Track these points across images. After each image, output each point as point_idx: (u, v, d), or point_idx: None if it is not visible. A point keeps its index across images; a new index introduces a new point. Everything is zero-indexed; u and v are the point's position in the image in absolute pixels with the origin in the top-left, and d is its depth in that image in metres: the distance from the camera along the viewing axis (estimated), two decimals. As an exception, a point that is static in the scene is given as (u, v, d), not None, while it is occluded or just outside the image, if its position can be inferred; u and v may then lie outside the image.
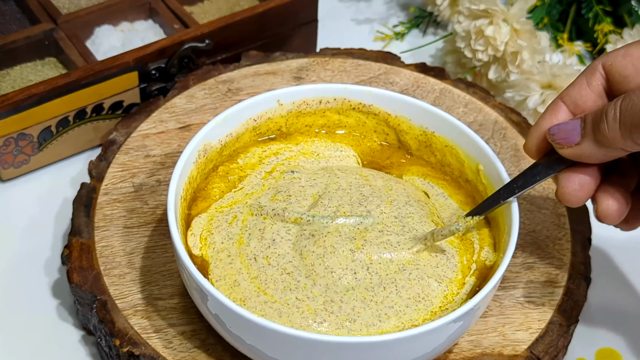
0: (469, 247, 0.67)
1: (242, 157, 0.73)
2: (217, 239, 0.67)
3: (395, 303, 0.63)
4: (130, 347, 0.65)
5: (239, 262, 0.65)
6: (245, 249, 0.66)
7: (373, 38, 1.00)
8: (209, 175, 0.71)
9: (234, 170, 0.72)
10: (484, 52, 0.87)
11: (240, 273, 0.64)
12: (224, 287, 0.64)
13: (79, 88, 0.80)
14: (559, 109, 0.63)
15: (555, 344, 0.67)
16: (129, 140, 0.79)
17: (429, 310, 0.63)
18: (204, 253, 0.66)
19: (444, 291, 0.64)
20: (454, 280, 0.65)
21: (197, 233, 0.67)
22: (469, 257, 0.67)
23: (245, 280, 0.64)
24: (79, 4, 0.90)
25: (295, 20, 0.90)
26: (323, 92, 0.74)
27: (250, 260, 0.65)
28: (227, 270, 0.65)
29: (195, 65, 0.85)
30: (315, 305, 0.62)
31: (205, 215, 0.68)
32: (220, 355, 0.65)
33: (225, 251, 0.66)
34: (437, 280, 0.64)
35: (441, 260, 0.66)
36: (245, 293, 0.63)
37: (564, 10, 0.98)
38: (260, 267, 0.64)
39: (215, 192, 0.70)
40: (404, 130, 0.74)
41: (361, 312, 0.62)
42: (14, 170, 0.81)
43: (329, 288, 0.63)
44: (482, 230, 0.69)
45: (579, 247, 0.73)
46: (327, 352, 0.59)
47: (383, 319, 0.62)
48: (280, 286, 0.63)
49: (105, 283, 0.69)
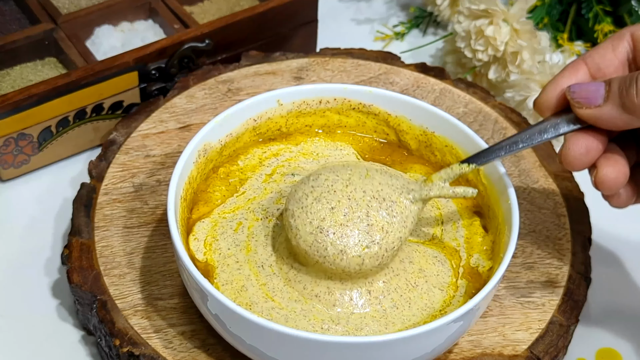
0: (454, 253, 0.68)
1: (242, 159, 0.73)
2: (223, 245, 0.66)
3: (405, 316, 0.63)
4: (130, 347, 0.65)
5: (247, 268, 0.65)
6: (254, 256, 0.66)
7: (373, 38, 1.00)
8: (209, 176, 0.71)
9: (235, 172, 0.72)
10: (484, 52, 0.87)
11: (249, 279, 0.64)
12: (230, 291, 0.64)
13: (79, 88, 0.80)
14: (579, 69, 0.62)
15: (555, 344, 0.67)
16: (129, 140, 0.79)
17: (430, 314, 0.63)
18: (208, 258, 0.66)
19: (444, 296, 0.65)
20: (450, 284, 0.65)
21: (201, 238, 0.67)
22: (456, 262, 0.67)
23: (253, 287, 0.64)
24: (79, 4, 0.90)
25: (295, 20, 0.90)
26: (323, 92, 0.74)
27: (259, 268, 0.65)
28: (234, 276, 0.65)
29: (195, 65, 0.85)
30: (322, 316, 0.62)
31: (209, 221, 0.68)
32: (220, 355, 0.65)
33: (232, 257, 0.66)
34: (440, 288, 0.65)
35: (439, 267, 0.66)
36: (252, 298, 0.63)
37: (564, 10, 0.98)
38: (267, 275, 0.64)
39: (216, 195, 0.70)
40: (404, 130, 0.74)
41: (370, 323, 0.62)
42: (14, 170, 0.81)
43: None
44: (473, 238, 0.69)
45: (579, 247, 0.73)
46: (327, 353, 0.59)
47: (390, 327, 0.62)
48: (286, 295, 0.63)
49: (105, 283, 0.69)
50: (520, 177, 0.78)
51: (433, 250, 0.67)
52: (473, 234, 0.69)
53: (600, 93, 0.59)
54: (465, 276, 0.66)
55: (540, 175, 0.78)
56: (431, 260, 0.66)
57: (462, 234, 0.69)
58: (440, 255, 0.67)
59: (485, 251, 0.68)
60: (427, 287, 0.65)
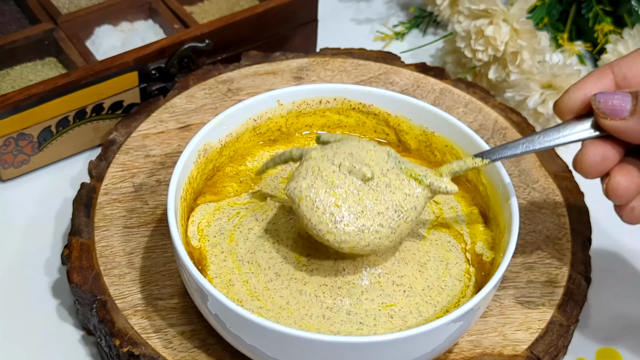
0: (459, 237, 0.68)
1: (249, 160, 0.73)
2: (211, 231, 0.66)
3: (427, 310, 0.64)
4: (130, 347, 0.65)
5: (231, 261, 0.65)
6: (235, 248, 0.65)
7: (373, 38, 1.00)
8: (215, 174, 0.71)
9: (244, 172, 0.72)
10: (484, 52, 0.87)
11: (233, 273, 0.64)
12: (221, 285, 0.63)
13: (79, 88, 0.80)
14: (605, 76, 0.61)
15: (555, 344, 0.67)
16: (129, 140, 0.79)
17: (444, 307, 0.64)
18: (202, 245, 0.66)
19: (461, 286, 0.65)
20: (464, 272, 0.66)
21: (197, 221, 0.67)
22: (463, 246, 0.67)
23: (238, 282, 0.64)
24: (79, 4, 0.90)
25: (295, 20, 0.90)
26: (323, 92, 0.74)
27: (241, 262, 0.65)
28: (221, 268, 0.64)
29: (195, 65, 0.85)
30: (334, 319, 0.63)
31: (214, 205, 0.68)
32: (220, 355, 0.65)
33: (218, 246, 0.65)
34: (459, 279, 0.66)
35: (455, 254, 0.67)
36: (239, 295, 0.63)
37: (564, 10, 0.98)
38: (247, 273, 0.64)
39: (228, 190, 0.70)
40: (404, 130, 0.74)
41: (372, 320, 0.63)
42: (14, 170, 0.81)
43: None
44: (474, 226, 0.69)
45: (579, 247, 0.73)
46: (327, 352, 0.59)
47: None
48: (270, 296, 0.63)
49: (105, 283, 0.69)
50: (520, 177, 0.78)
51: (445, 235, 0.67)
52: (474, 222, 0.69)
53: (627, 106, 0.59)
54: (473, 264, 0.66)
55: (540, 175, 0.78)
56: (447, 246, 0.67)
57: (463, 219, 0.69)
58: (451, 238, 0.67)
59: (487, 241, 0.68)
60: (452, 281, 0.65)
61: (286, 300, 0.63)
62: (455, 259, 0.67)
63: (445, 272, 0.66)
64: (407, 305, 0.63)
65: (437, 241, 0.68)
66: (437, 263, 0.66)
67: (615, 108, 0.59)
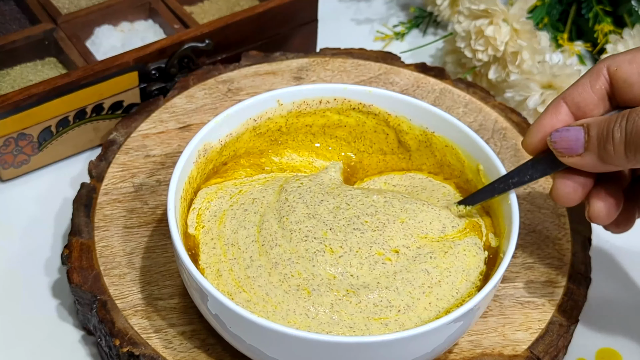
0: (478, 230, 0.68)
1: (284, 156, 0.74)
2: (207, 215, 0.66)
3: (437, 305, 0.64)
4: (130, 347, 0.65)
5: (219, 247, 0.64)
6: (223, 230, 0.65)
7: (373, 38, 1.00)
8: (228, 162, 0.71)
9: (268, 163, 0.72)
10: (484, 52, 0.87)
11: (220, 261, 0.63)
12: (211, 276, 0.63)
13: (79, 88, 0.80)
14: (560, 109, 0.63)
15: (555, 344, 0.67)
16: (129, 140, 0.79)
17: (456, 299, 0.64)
18: (197, 233, 0.65)
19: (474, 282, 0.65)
20: (480, 273, 0.66)
21: (197, 207, 0.67)
22: (480, 238, 0.67)
23: (225, 271, 0.63)
24: (79, 4, 0.90)
25: (295, 20, 0.90)
26: (323, 92, 0.74)
27: (226, 246, 0.64)
28: (211, 257, 0.64)
29: (195, 65, 0.85)
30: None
31: (216, 187, 0.68)
32: (220, 355, 0.65)
33: (209, 232, 0.65)
34: (480, 273, 0.65)
35: (479, 257, 0.66)
36: (228, 287, 0.63)
37: (564, 10, 0.98)
38: (230, 260, 0.64)
39: (239, 174, 0.70)
40: (404, 130, 0.74)
41: None
42: (14, 170, 0.81)
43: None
44: (485, 218, 0.69)
45: (579, 247, 0.73)
46: (327, 352, 0.59)
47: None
48: (251, 285, 0.63)
49: (105, 283, 0.69)
50: (520, 177, 0.78)
51: (473, 238, 0.67)
52: (483, 214, 0.69)
53: (580, 142, 0.61)
54: (486, 262, 0.66)
55: (540, 175, 0.78)
56: (474, 250, 0.66)
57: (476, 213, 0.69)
58: (478, 240, 0.67)
59: (494, 233, 0.68)
60: (466, 276, 0.65)
61: (265, 291, 0.62)
62: (477, 263, 0.66)
63: (462, 280, 0.64)
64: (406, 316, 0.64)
65: (465, 251, 0.66)
66: (456, 275, 0.65)
67: (570, 146, 0.61)
